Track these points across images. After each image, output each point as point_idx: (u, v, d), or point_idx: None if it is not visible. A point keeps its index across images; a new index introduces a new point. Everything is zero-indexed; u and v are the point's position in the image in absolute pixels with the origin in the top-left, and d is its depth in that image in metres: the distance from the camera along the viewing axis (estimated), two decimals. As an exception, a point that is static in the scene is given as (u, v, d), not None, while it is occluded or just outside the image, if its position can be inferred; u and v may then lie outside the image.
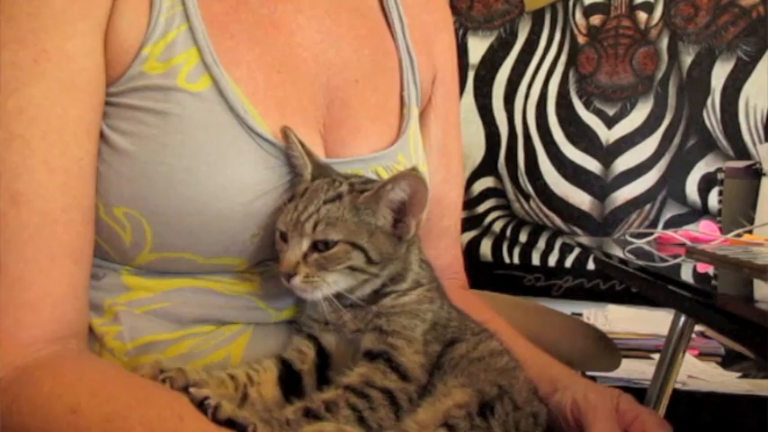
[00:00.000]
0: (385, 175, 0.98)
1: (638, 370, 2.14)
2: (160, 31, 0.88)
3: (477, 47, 2.64)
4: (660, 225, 2.60)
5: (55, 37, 0.84)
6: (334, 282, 0.86)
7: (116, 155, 0.87)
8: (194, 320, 0.92)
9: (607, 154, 2.62)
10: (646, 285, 1.25)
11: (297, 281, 0.85)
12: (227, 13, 0.94)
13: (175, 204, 0.87)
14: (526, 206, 2.67)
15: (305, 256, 0.85)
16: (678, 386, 1.96)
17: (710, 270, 1.26)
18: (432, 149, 1.14)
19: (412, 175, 0.86)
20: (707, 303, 1.02)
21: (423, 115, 1.14)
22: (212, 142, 0.88)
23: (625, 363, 1.98)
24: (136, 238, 0.89)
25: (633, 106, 2.60)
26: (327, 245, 0.85)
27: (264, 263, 0.94)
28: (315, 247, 0.85)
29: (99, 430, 0.75)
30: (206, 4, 0.92)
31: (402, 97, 1.08)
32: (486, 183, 2.66)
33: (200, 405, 0.76)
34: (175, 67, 0.88)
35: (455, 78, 1.21)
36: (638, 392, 1.87)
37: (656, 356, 1.91)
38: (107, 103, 0.88)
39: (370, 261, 0.87)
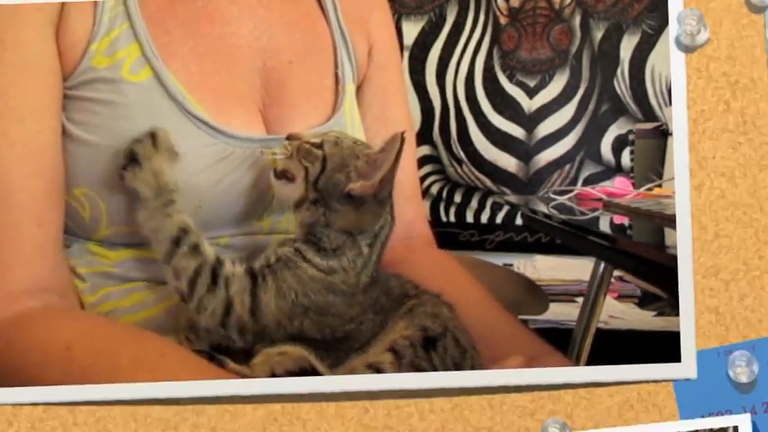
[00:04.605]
0: None
1: (564, 312, 2.06)
2: (104, 29, 0.94)
3: (411, 30, 2.65)
4: (579, 183, 2.57)
5: (11, 28, 0.90)
6: (298, 165, 0.94)
7: (73, 143, 0.94)
8: (143, 281, 0.98)
9: (530, 121, 2.67)
10: (568, 237, 1.42)
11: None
12: (163, 10, 0.98)
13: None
14: (459, 170, 2.70)
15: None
16: (601, 325, 1.85)
17: (626, 221, 1.40)
18: (370, 118, 1.19)
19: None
20: (623, 251, 1.16)
21: (360, 88, 1.18)
22: (155, 126, 0.94)
23: (553, 306, 1.97)
24: (93, 215, 0.95)
25: (551, 78, 2.68)
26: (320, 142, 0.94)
27: (214, 237, 0.99)
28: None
29: (91, 362, 0.85)
30: (145, 2, 0.96)
31: (336, 75, 1.11)
32: (422, 151, 2.61)
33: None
34: (119, 60, 0.94)
35: (394, 50, 1.31)
36: (565, 332, 1.94)
37: (580, 300, 1.90)
38: (63, 97, 0.94)
39: (317, 181, 0.92)
